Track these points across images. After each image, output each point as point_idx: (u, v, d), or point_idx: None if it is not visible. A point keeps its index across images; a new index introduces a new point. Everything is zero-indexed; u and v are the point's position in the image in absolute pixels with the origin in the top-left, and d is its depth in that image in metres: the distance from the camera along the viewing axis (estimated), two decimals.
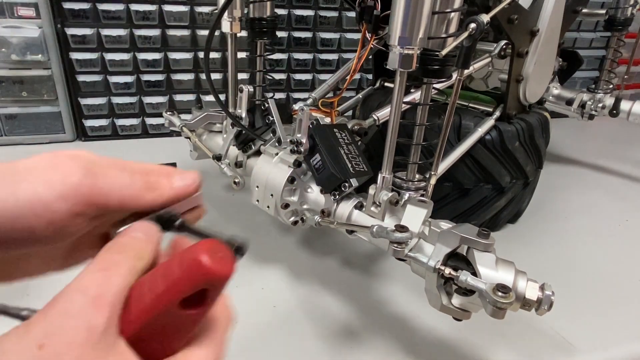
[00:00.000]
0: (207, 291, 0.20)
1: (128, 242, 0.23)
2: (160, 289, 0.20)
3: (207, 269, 0.20)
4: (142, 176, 0.25)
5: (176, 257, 0.21)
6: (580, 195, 0.87)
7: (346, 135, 0.53)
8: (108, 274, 0.20)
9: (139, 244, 0.23)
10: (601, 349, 0.50)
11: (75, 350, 0.18)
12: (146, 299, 0.20)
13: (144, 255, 0.23)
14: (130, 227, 0.24)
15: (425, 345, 0.49)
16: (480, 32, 0.41)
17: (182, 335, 0.22)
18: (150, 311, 0.20)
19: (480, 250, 0.38)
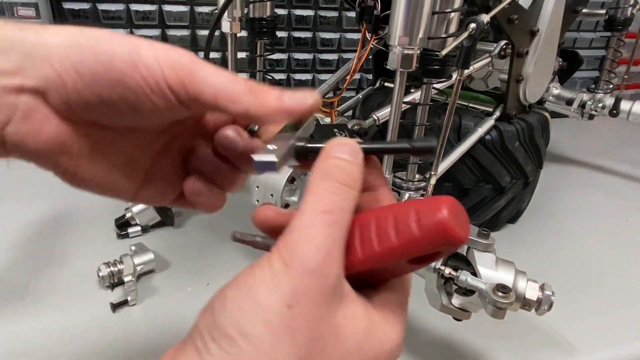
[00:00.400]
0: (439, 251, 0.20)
1: (345, 166, 0.22)
2: (394, 243, 0.19)
3: (453, 236, 0.18)
4: (247, 81, 0.23)
5: (412, 210, 0.19)
6: (580, 195, 0.87)
7: (346, 135, 0.53)
8: (334, 219, 0.20)
9: (354, 170, 0.22)
10: (601, 349, 0.50)
11: (317, 309, 0.19)
12: (375, 248, 0.20)
13: (360, 186, 0.22)
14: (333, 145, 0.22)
15: (425, 345, 0.49)
16: (480, 32, 0.41)
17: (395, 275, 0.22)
18: (378, 262, 0.20)
19: (480, 250, 0.39)
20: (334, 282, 0.20)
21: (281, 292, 0.19)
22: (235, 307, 0.19)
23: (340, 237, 0.20)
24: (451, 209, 0.19)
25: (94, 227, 0.66)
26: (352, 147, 0.23)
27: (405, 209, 0.20)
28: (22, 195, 0.73)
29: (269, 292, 0.19)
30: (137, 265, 0.54)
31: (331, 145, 0.23)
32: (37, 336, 0.46)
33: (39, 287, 0.53)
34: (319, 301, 0.19)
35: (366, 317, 0.21)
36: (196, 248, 0.63)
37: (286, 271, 0.19)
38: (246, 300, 0.19)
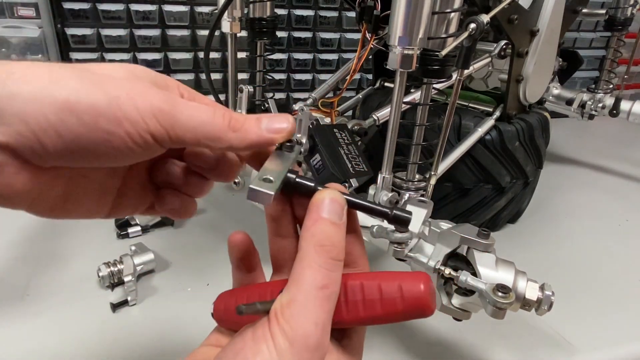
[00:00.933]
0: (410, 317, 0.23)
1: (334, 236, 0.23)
2: (379, 313, 0.23)
3: (429, 310, 0.22)
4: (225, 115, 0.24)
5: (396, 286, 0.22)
6: (580, 195, 0.87)
7: (346, 135, 0.53)
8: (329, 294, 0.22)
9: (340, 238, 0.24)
10: (601, 349, 0.50)
11: None
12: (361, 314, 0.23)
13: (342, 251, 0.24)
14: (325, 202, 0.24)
15: (425, 345, 0.49)
16: (480, 32, 0.41)
17: None
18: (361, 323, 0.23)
19: (480, 250, 0.38)
20: (325, 350, 0.22)
21: None
22: None
23: (331, 308, 0.22)
24: (427, 285, 0.22)
25: (94, 227, 0.66)
26: (340, 205, 0.24)
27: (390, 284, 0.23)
28: None
29: None
30: (137, 265, 0.54)
31: (320, 200, 0.24)
32: (37, 336, 0.47)
33: (39, 287, 0.53)
34: None
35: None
36: (196, 248, 0.63)
37: (291, 349, 0.21)
38: None
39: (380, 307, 0.23)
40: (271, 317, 0.22)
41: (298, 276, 0.22)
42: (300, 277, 0.22)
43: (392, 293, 0.23)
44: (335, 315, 0.23)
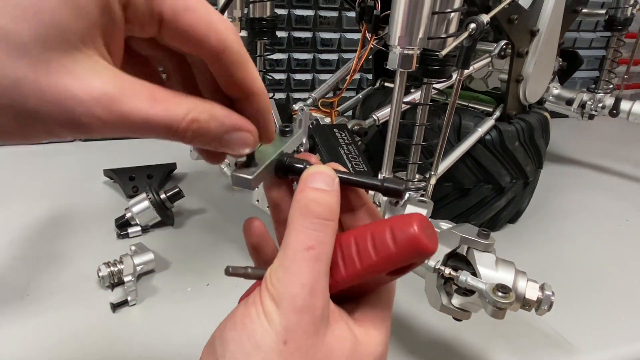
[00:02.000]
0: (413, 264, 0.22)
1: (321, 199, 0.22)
2: (373, 260, 0.21)
3: (425, 249, 0.21)
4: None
5: (387, 228, 0.21)
6: (580, 195, 0.87)
7: (346, 135, 0.53)
8: (317, 254, 0.21)
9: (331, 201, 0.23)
10: (601, 349, 0.50)
11: (309, 340, 0.21)
12: (357, 266, 0.22)
13: (337, 215, 0.23)
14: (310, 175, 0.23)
15: (425, 345, 0.49)
16: (480, 32, 0.41)
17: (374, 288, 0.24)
18: (361, 277, 0.22)
19: (480, 250, 0.39)
20: (321, 312, 0.21)
21: (276, 331, 0.21)
22: (237, 347, 0.21)
23: (324, 268, 0.22)
24: (421, 224, 0.21)
25: (94, 227, 0.66)
26: (328, 175, 0.23)
27: (381, 228, 0.22)
28: (22, 195, 0.73)
29: (264, 331, 0.21)
30: (137, 265, 0.54)
31: (308, 173, 0.24)
32: (37, 336, 0.47)
33: (39, 287, 0.53)
34: (310, 333, 0.21)
35: (350, 335, 0.23)
36: (196, 248, 0.63)
37: (278, 311, 0.21)
38: (246, 341, 0.21)
39: (375, 254, 0.22)
40: (262, 284, 0.22)
41: (285, 242, 0.22)
42: (286, 243, 0.22)
43: (383, 237, 0.22)
44: (333, 275, 0.22)
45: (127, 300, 0.51)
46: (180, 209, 0.71)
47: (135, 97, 0.18)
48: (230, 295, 0.57)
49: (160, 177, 0.79)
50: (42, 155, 0.89)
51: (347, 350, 0.22)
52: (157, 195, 0.65)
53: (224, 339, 0.22)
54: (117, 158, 0.85)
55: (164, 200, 0.65)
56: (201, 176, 0.83)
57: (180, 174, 0.84)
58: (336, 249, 0.23)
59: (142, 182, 0.76)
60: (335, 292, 0.23)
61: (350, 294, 0.24)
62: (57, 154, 0.90)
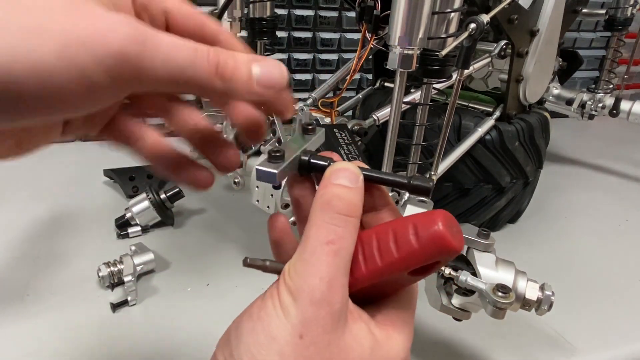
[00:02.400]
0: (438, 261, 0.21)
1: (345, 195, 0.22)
2: (394, 257, 0.21)
3: (449, 247, 0.20)
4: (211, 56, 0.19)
5: (410, 225, 0.21)
6: (580, 195, 0.87)
7: (346, 135, 0.53)
8: (337, 249, 0.21)
9: (354, 197, 0.22)
10: (601, 349, 0.50)
11: (326, 335, 0.20)
12: (378, 263, 0.21)
13: (360, 212, 0.22)
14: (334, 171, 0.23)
15: (425, 345, 0.49)
16: (480, 32, 0.41)
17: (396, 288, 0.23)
18: (381, 276, 0.21)
19: (480, 250, 0.39)
20: (339, 308, 0.21)
21: (292, 324, 0.20)
22: (251, 339, 0.21)
23: (343, 264, 0.21)
24: (446, 221, 0.20)
25: (94, 227, 0.66)
26: (353, 173, 0.23)
27: (403, 224, 0.21)
28: (22, 195, 0.73)
29: (280, 324, 0.20)
30: (137, 265, 0.54)
31: (332, 170, 0.23)
32: (37, 336, 0.46)
33: (39, 287, 0.53)
34: (327, 328, 0.20)
35: (369, 336, 0.22)
36: (196, 248, 0.63)
37: (295, 303, 0.20)
38: (261, 333, 0.21)
39: (396, 251, 0.21)
40: (280, 277, 0.22)
41: (305, 237, 0.22)
42: (306, 237, 0.22)
43: (405, 234, 0.21)
44: (353, 272, 0.22)
45: (127, 300, 0.51)
46: (180, 209, 0.71)
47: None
48: (230, 295, 0.58)
49: (161, 177, 0.79)
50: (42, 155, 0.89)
51: (366, 351, 0.22)
52: (157, 195, 0.65)
53: (240, 330, 0.21)
54: (117, 158, 0.85)
55: (164, 200, 0.65)
56: None
57: None
58: (357, 247, 0.22)
59: (142, 182, 0.76)
60: (355, 290, 0.22)
61: (371, 295, 0.23)
62: (57, 154, 0.90)
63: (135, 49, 0.17)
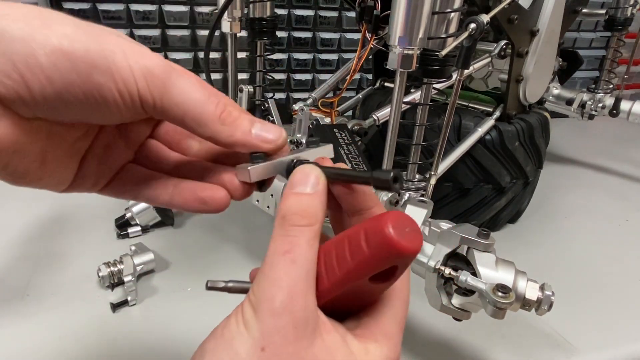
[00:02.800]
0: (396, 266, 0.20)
1: (301, 205, 0.22)
2: (350, 265, 0.20)
3: (399, 248, 0.19)
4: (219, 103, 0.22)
5: (362, 230, 0.20)
6: (580, 195, 0.87)
7: (346, 135, 0.53)
8: (293, 257, 0.21)
9: (311, 204, 0.22)
10: (601, 349, 0.50)
11: (289, 347, 0.20)
12: (337, 273, 0.21)
13: (319, 217, 0.22)
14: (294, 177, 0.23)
15: (425, 345, 0.49)
16: (480, 32, 0.41)
17: (370, 299, 0.23)
18: (341, 285, 0.21)
19: (480, 250, 0.38)
20: (302, 316, 0.20)
21: (253, 337, 0.20)
22: (214, 358, 0.21)
23: (303, 272, 0.21)
24: (396, 223, 0.19)
25: (94, 227, 0.66)
26: (312, 177, 0.23)
27: (356, 230, 0.21)
28: (22, 195, 0.73)
29: (242, 339, 0.20)
30: (137, 265, 0.54)
31: (292, 177, 0.23)
32: (37, 336, 0.47)
33: (39, 287, 0.53)
34: (290, 338, 0.20)
35: (344, 348, 0.21)
36: (196, 248, 0.63)
37: (255, 316, 0.20)
38: (223, 351, 0.20)
39: (351, 259, 0.20)
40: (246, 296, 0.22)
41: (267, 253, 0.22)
42: (267, 253, 0.22)
43: (357, 240, 0.20)
44: (319, 284, 0.21)
45: (127, 300, 0.51)
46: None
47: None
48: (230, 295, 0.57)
49: None
50: None
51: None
52: None
53: (203, 351, 0.21)
54: None
55: None
56: None
57: None
58: (321, 259, 0.22)
59: None
60: (325, 302, 0.22)
61: (348, 307, 0.23)
62: None
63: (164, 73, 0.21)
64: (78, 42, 0.20)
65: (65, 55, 0.20)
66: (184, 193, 0.26)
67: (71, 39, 0.20)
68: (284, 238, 0.22)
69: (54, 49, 0.19)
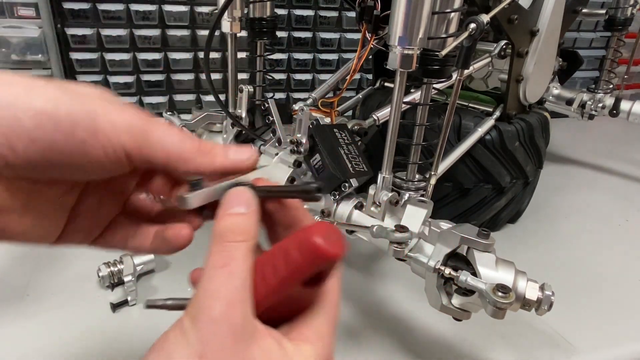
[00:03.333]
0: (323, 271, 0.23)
1: (236, 224, 0.24)
2: (284, 273, 0.22)
3: (326, 254, 0.22)
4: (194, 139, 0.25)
5: (293, 241, 0.23)
6: (580, 195, 0.87)
7: (346, 135, 0.53)
8: (230, 270, 0.22)
9: (246, 223, 0.24)
10: (601, 349, 0.50)
11: (227, 352, 0.20)
12: (272, 281, 0.23)
13: (253, 234, 0.24)
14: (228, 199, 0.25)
15: (425, 345, 0.49)
16: (480, 32, 0.41)
17: (303, 304, 0.25)
18: (277, 292, 0.23)
19: (480, 250, 0.38)
20: (240, 323, 0.21)
21: (191, 345, 0.20)
22: None
23: (240, 283, 0.22)
24: (322, 233, 0.22)
25: None
26: (246, 199, 0.25)
27: (287, 242, 0.23)
28: None
29: (180, 348, 0.21)
30: (137, 265, 0.54)
31: (225, 199, 0.25)
32: (37, 336, 0.47)
33: (39, 287, 0.53)
34: (228, 344, 0.20)
35: (280, 351, 0.22)
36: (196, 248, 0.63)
37: (193, 326, 0.21)
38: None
39: (285, 267, 0.22)
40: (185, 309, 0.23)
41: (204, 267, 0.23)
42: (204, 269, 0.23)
43: (291, 249, 0.22)
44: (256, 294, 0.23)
45: (127, 300, 0.51)
46: None
47: None
48: None
49: None
50: None
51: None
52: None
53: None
54: None
55: None
56: None
57: None
58: (257, 271, 0.23)
59: None
60: (263, 310, 0.23)
61: (283, 315, 0.25)
62: None
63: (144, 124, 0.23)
64: (62, 104, 0.21)
65: (49, 117, 0.21)
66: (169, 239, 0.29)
67: (55, 102, 0.21)
68: (221, 253, 0.23)
69: (38, 112, 0.21)
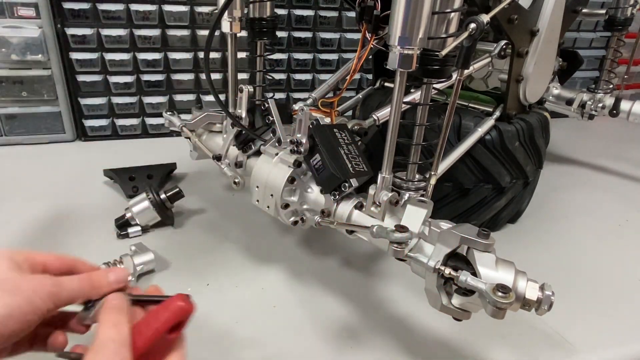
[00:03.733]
0: (182, 322, 0.33)
1: (116, 305, 0.34)
2: (156, 325, 0.32)
3: (186, 310, 0.33)
4: (87, 280, 0.35)
5: (162, 307, 0.33)
6: (580, 195, 0.87)
7: (346, 135, 0.53)
8: (119, 327, 0.32)
9: (122, 304, 0.34)
10: (601, 349, 0.50)
11: None
12: (147, 332, 0.32)
13: (127, 310, 0.34)
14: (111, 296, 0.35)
15: (425, 345, 0.49)
16: (480, 32, 0.41)
17: (168, 349, 0.34)
18: (151, 339, 0.32)
19: (480, 250, 0.38)
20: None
21: None
22: None
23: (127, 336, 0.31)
24: (181, 298, 0.33)
25: (94, 227, 0.66)
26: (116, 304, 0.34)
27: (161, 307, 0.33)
28: (22, 195, 0.73)
29: None
30: (137, 265, 0.54)
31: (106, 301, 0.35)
32: None
33: None
34: None
35: None
36: (196, 248, 0.63)
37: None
38: None
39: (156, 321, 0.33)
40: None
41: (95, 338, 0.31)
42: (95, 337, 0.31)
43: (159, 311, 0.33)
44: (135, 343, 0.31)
45: None
46: (180, 209, 0.71)
47: None
48: (230, 295, 0.58)
49: (160, 177, 0.79)
50: (42, 155, 0.89)
51: None
52: (157, 195, 0.65)
53: None
54: (117, 158, 0.85)
55: (164, 200, 0.65)
56: (201, 176, 0.83)
57: (180, 174, 0.84)
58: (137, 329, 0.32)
59: (142, 182, 0.76)
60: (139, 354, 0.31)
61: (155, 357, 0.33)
62: (58, 154, 0.90)
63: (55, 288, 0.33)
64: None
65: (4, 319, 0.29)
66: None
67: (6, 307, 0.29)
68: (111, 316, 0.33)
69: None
